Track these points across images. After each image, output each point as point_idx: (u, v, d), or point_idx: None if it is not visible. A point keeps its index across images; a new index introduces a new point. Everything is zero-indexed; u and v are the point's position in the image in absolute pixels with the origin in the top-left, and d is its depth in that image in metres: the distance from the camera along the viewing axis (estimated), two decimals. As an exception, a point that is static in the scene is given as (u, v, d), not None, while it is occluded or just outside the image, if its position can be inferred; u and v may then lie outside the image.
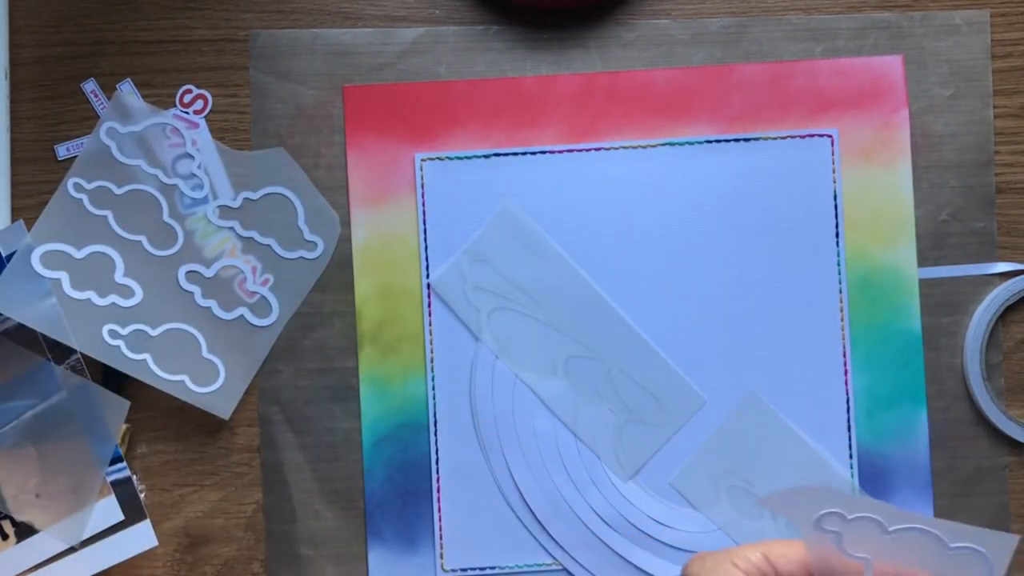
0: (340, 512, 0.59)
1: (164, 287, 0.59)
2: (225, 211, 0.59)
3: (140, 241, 0.59)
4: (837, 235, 0.59)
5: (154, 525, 0.58)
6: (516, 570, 0.58)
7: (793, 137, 0.59)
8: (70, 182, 0.59)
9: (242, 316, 0.59)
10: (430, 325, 0.59)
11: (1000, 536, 0.39)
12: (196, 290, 0.59)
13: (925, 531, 0.40)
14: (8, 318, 0.57)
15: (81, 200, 0.59)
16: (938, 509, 0.58)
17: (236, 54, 0.60)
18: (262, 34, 0.60)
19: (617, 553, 0.58)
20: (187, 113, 0.60)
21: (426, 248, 0.59)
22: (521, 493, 0.58)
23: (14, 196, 0.59)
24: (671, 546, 0.58)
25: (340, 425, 0.59)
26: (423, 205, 0.59)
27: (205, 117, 0.60)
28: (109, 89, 0.60)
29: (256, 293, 0.59)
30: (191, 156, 0.59)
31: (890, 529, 0.40)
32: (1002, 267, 0.59)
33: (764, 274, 0.59)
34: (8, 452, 0.57)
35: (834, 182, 0.59)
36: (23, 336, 0.57)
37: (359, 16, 0.60)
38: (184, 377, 0.58)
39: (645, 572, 0.58)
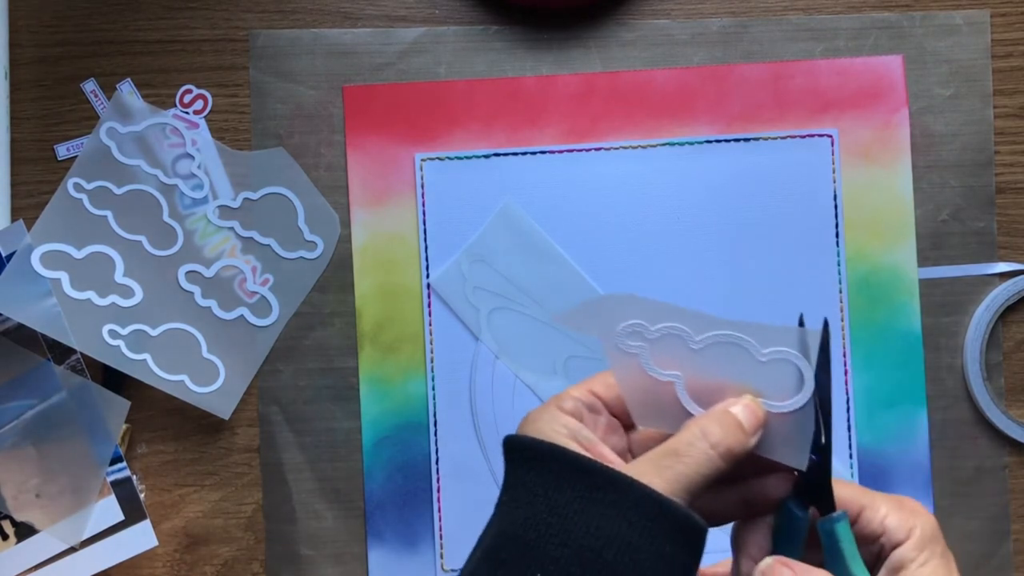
0: (340, 512, 0.59)
1: (164, 287, 0.59)
2: (225, 211, 0.59)
3: (140, 241, 0.59)
4: (837, 235, 0.59)
5: (154, 525, 0.58)
6: (516, 570, 0.58)
7: (793, 137, 0.59)
8: (70, 182, 0.59)
9: (242, 316, 0.59)
10: (430, 325, 0.59)
11: (805, 332, 0.38)
12: (196, 290, 0.59)
13: (733, 342, 0.38)
14: (8, 318, 0.57)
15: (81, 200, 0.59)
16: (938, 509, 0.58)
17: (236, 54, 0.60)
18: (262, 34, 0.60)
19: (617, 553, 0.58)
20: (187, 113, 0.60)
21: (426, 248, 0.59)
22: (521, 493, 0.58)
23: (14, 196, 0.59)
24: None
25: (340, 425, 0.59)
26: (423, 205, 0.59)
27: (205, 117, 0.60)
28: (109, 89, 0.60)
29: (256, 293, 0.59)
30: (191, 156, 0.59)
31: (697, 339, 0.38)
32: (1002, 267, 0.59)
33: (764, 274, 0.59)
34: (8, 452, 0.57)
35: (834, 182, 0.59)
36: (23, 336, 0.57)
37: (359, 16, 0.60)
38: (184, 377, 0.58)
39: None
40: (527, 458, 0.38)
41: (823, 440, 0.38)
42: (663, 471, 0.37)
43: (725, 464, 0.37)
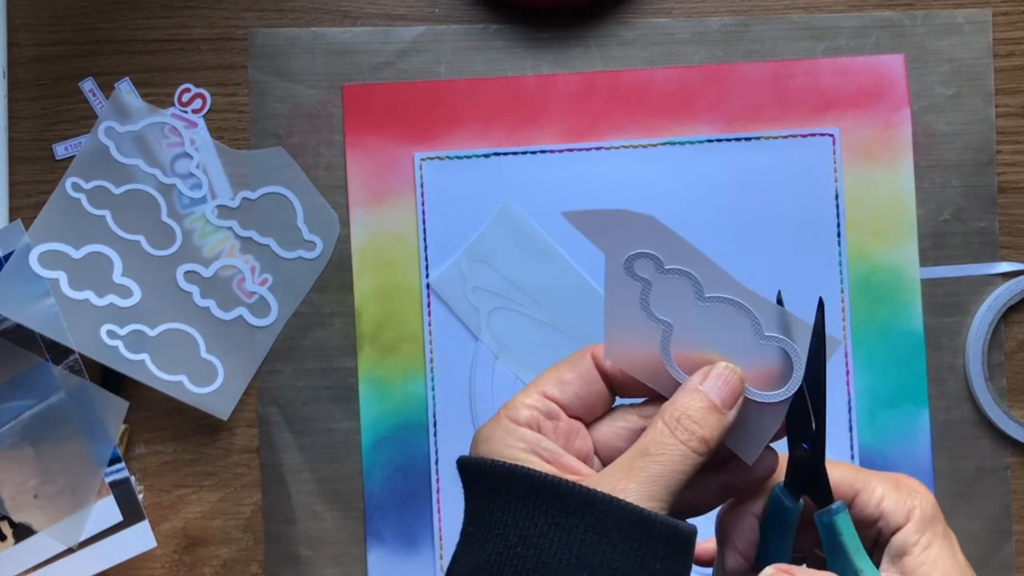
0: (339, 513, 0.59)
1: (163, 287, 0.59)
2: (224, 211, 0.59)
3: (139, 241, 0.59)
4: (838, 235, 0.59)
5: (153, 526, 0.57)
6: (516, 571, 0.58)
7: (794, 136, 0.59)
8: (68, 182, 0.59)
9: (241, 316, 0.59)
10: (430, 325, 0.59)
11: (804, 324, 0.36)
12: (195, 290, 0.59)
13: (742, 310, 0.36)
14: (6, 318, 0.57)
15: (79, 200, 0.59)
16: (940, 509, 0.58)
17: (235, 53, 0.60)
18: (261, 33, 0.60)
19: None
20: (186, 112, 0.59)
21: (425, 248, 0.59)
22: (521, 494, 0.58)
23: (12, 196, 0.59)
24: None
25: (339, 426, 0.59)
26: (423, 205, 0.59)
27: (204, 116, 0.60)
28: (107, 88, 0.60)
29: (255, 293, 0.59)
30: (190, 155, 0.59)
31: (705, 295, 0.36)
32: (1004, 267, 0.59)
33: (765, 273, 0.58)
34: (6, 453, 0.57)
35: (835, 181, 0.59)
36: (21, 336, 0.57)
37: (358, 15, 0.60)
38: (183, 377, 0.58)
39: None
40: (489, 485, 0.35)
41: (814, 427, 0.37)
42: (637, 475, 0.34)
43: (703, 455, 0.35)
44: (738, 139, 0.59)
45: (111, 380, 0.58)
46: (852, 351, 0.58)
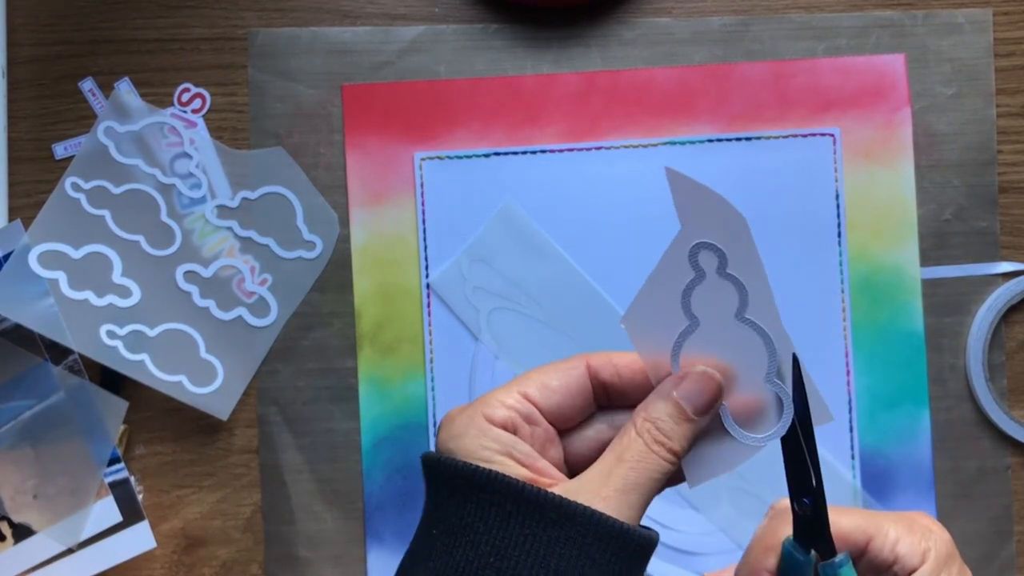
0: (339, 513, 0.58)
1: (162, 287, 0.59)
2: (223, 211, 0.59)
3: (138, 241, 0.59)
4: (839, 235, 0.59)
5: (152, 526, 0.57)
6: (516, 572, 0.58)
7: (795, 136, 0.59)
8: (68, 181, 0.59)
9: (240, 316, 0.59)
10: (430, 325, 0.58)
11: (820, 408, 0.35)
12: (194, 290, 0.59)
13: (767, 342, 0.35)
14: (5, 318, 0.57)
15: (79, 200, 0.58)
16: (941, 510, 0.58)
17: (235, 53, 0.60)
18: (261, 32, 0.60)
19: (618, 554, 0.58)
20: (185, 112, 0.59)
21: (425, 248, 0.59)
22: (521, 494, 0.58)
23: (11, 195, 0.59)
24: (671, 547, 0.58)
25: (339, 426, 0.59)
26: (423, 205, 0.59)
27: (203, 116, 0.60)
28: (107, 88, 0.59)
29: (255, 293, 0.59)
30: (189, 155, 0.59)
31: (745, 315, 0.35)
32: (1005, 267, 0.59)
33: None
34: (6, 453, 0.57)
35: (836, 181, 0.59)
36: (21, 336, 0.57)
37: (358, 15, 0.60)
38: (182, 378, 0.58)
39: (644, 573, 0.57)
40: (460, 487, 0.33)
41: (813, 483, 0.36)
42: (615, 484, 0.33)
43: (673, 463, 0.34)
44: (738, 139, 0.59)
45: (111, 380, 0.58)
46: (853, 351, 0.58)
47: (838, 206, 0.59)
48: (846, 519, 0.37)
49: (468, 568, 0.32)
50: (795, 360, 0.35)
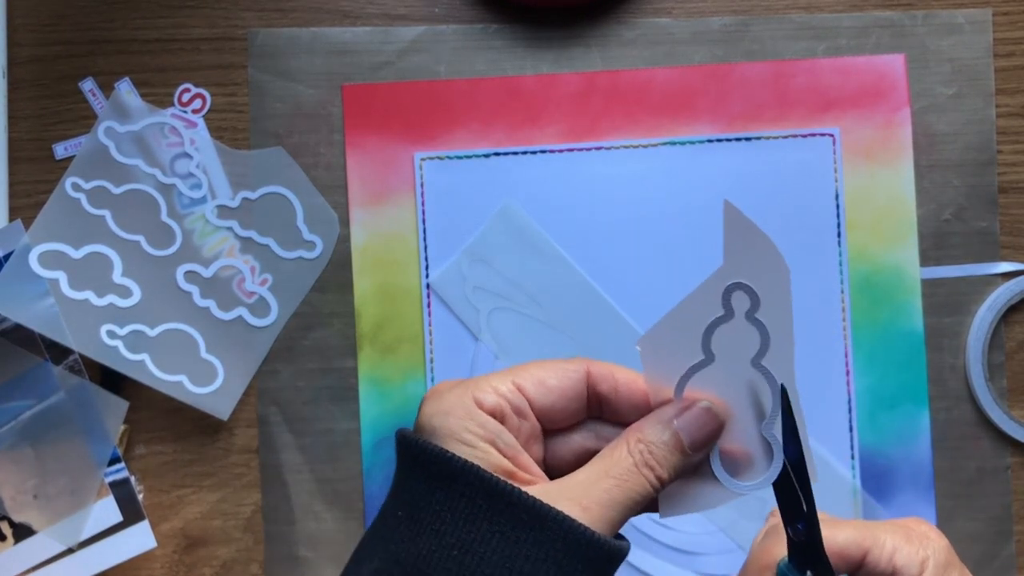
0: (339, 514, 0.59)
1: (162, 287, 0.59)
2: (224, 211, 0.59)
3: (138, 241, 0.59)
4: (839, 235, 0.59)
5: (152, 526, 0.57)
6: (516, 571, 0.58)
7: (794, 136, 0.59)
8: (68, 181, 0.59)
9: (241, 316, 0.59)
10: (430, 325, 0.58)
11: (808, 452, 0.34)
12: (195, 290, 0.59)
13: (775, 393, 0.34)
14: (6, 318, 0.57)
15: (79, 200, 0.58)
16: (941, 510, 0.58)
17: (235, 53, 0.60)
18: (261, 33, 0.60)
19: (618, 554, 0.58)
20: (185, 112, 0.59)
21: (426, 248, 0.59)
22: (521, 494, 0.58)
23: (12, 196, 0.59)
24: (670, 547, 0.58)
25: (339, 426, 0.59)
26: (423, 205, 0.59)
27: (204, 116, 0.60)
28: (107, 88, 0.60)
29: (255, 293, 0.59)
30: (189, 155, 0.59)
31: (761, 362, 0.35)
32: (1005, 267, 0.59)
33: (765, 274, 0.58)
34: (6, 453, 0.57)
35: (836, 181, 0.59)
36: (21, 336, 0.57)
37: (358, 15, 0.60)
38: (183, 377, 0.58)
39: (643, 573, 0.58)
40: (432, 473, 0.32)
41: (805, 508, 0.36)
42: (598, 497, 0.32)
43: (658, 490, 0.34)
44: (738, 139, 0.59)
45: (111, 380, 0.58)
46: (852, 351, 0.58)
47: (838, 206, 0.59)
48: (841, 533, 0.37)
49: (429, 558, 0.31)
50: (787, 404, 0.35)
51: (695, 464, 0.35)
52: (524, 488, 0.32)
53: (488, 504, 0.32)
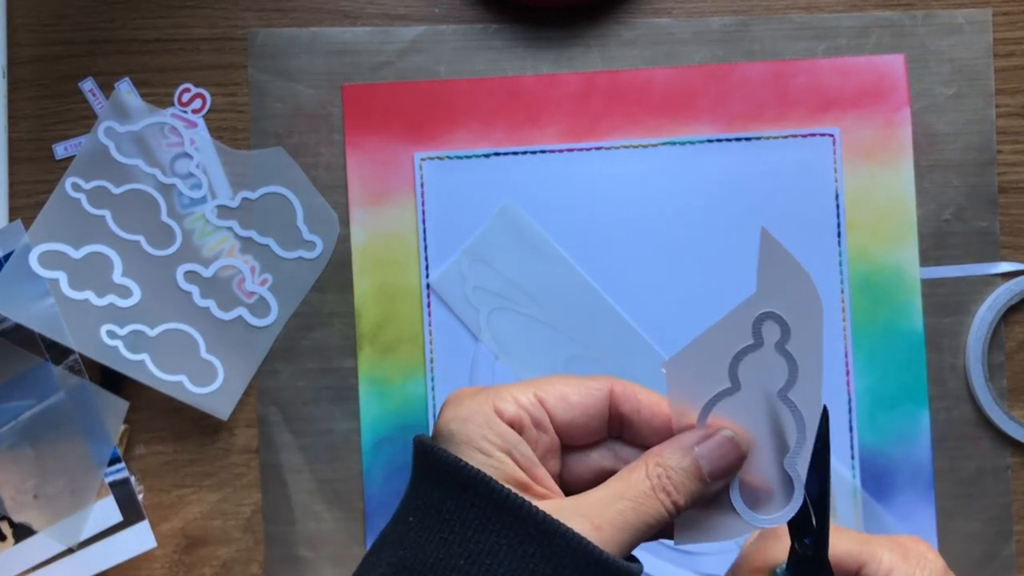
0: (339, 513, 0.59)
1: (162, 287, 0.59)
2: (224, 211, 0.59)
3: (138, 241, 0.59)
4: (839, 235, 0.59)
5: (152, 526, 0.57)
6: (516, 571, 0.58)
7: (794, 136, 0.59)
8: (68, 181, 0.59)
9: (241, 316, 0.59)
10: (430, 325, 0.58)
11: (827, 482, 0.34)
12: (195, 290, 0.59)
13: (800, 426, 0.34)
14: (6, 318, 0.57)
15: (79, 200, 0.58)
16: (940, 510, 0.58)
17: (235, 53, 0.60)
18: (261, 33, 0.60)
19: (618, 554, 0.58)
20: (185, 112, 0.59)
21: (426, 248, 0.59)
22: (521, 494, 0.58)
23: (12, 196, 0.59)
24: (670, 547, 0.58)
25: (339, 426, 0.59)
26: (423, 205, 0.59)
27: (204, 116, 0.60)
28: (107, 88, 0.60)
29: (255, 293, 0.59)
30: (189, 155, 0.59)
31: (788, 395, 0.34)
32: (1005, 267, 0.59)
33: (765, 274, 0.58)
34: (6, 453, 0.57)
35: (836, 181, 0.59)
36: (21, 336, 0.57)
37: (358, 15, 0.60)
38: (183, 377, 0.58)
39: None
40: (445, 481, 0.32)
41: (814, 524, 0.35)
42: (612, 519, 0.32)
43: (674, 515, 0.33)
44: (738, 139, 0.59)
45: (111, 380, 0.58)
46: (852, 351, 0.58)
47: (838, 206, 0.59)
48: (840, 544, 0.37)
49: (436, 565, 0.31)
50: (824, 412, 0.34)
51: (713, 493, 0.34)
52: (536, 502, 0.32)
53: (498, 516, 0.31)
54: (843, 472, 0.58)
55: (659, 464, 0.34)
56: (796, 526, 0.36)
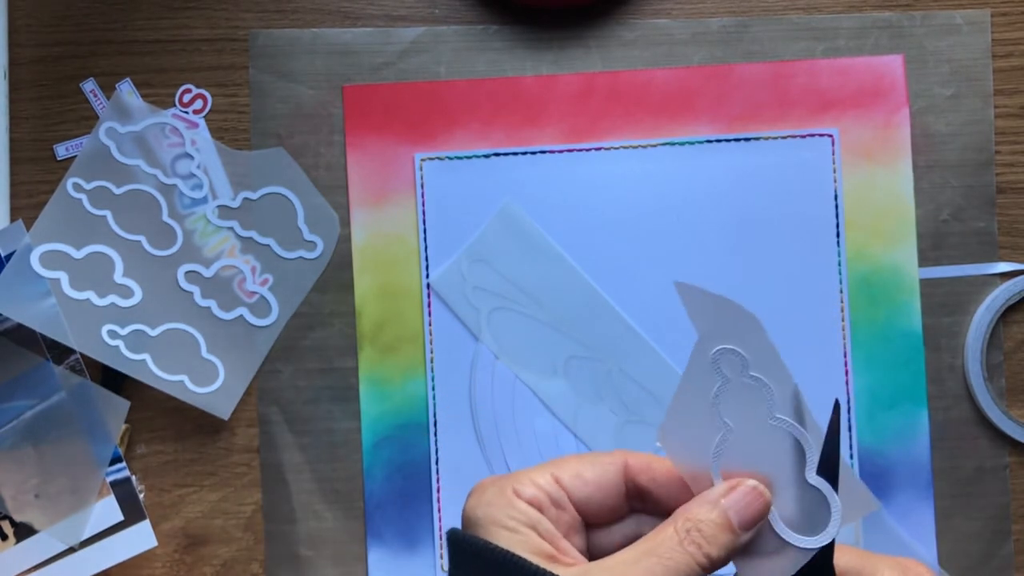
0: (340, 513, 0.59)
1: (163, 287, 0.59)
2: (224, 211, 0.59)
3: (139, 241, 0.59)
4: (838, 235, 0.59)
5: (153, 525, 0.58)
6: (516, 571, 0.58)
7: (794, 137, 0.59)
8: (69, 182, 0.59)
9: (241, 316, 0.59)
10: (430, 325, 0.59)
11: (863, 496, 0.34)
12: (195, 290, 0.59)
13: (803, 439, 0.34)
14: (7, 318, 0.57)
15: (80, 200, 0.59)
16: (939, 509, 0.58)
17: (236, 53, 0.60)
18: (262, 33, 0.60)
19: (617, 553, 0.58)
20: (186, 113, 0.60)
21: (426, 248, 0.59)
22: (521, 493, 0.58)
23: (13, 196, 0.59)
24: None
25: (340, 425, 0.59)
26: (423, 205, 0.59)
27: (204, 117, 0.60)
28: (108, 89, 0.60)
29: (255, 293, 0.59)
30: (190, 156, 0.59)
31: (776, 415, 0.34)
32: (1003, 267, 0.59)
33: (764, 274, 0.58)
34: (7, 453, 0.57)
35: (835, 182, 0.59)
36: (22, 336, 0.57)
37: (359, 15, 0.60)
38: (183, 377, 0.58)
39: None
40: (478, 566, 0.34)
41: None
42: (637, 574, 0.33)
43: (706, 570, 0.34)
44: (738, 139, 0.59)
45: (112, 380, 0.58)
46: (851, 351, 0.58)
47: (837, 206, 0.59)
48: (842, 558, 0.37)
49: None
50: (835, 406, 0.34)
51: (743, 544, 0.35)
52: (562, 570, 0.33)
53: None
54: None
55: (688, 519, 0.34)
56: None
